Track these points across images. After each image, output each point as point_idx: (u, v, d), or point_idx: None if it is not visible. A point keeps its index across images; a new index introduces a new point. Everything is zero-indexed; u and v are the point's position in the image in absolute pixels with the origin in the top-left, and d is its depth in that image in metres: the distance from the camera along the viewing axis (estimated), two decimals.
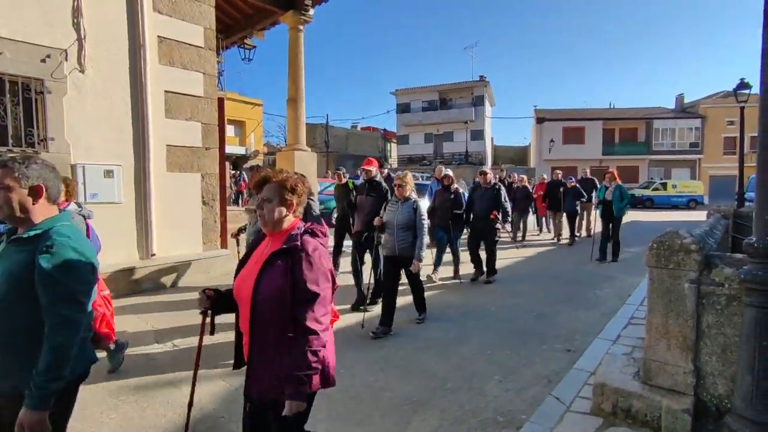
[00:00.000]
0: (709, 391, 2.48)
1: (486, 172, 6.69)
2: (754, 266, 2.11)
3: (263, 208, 1.71)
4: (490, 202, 6.31)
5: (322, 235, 1.76)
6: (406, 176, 4.58)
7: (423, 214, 4.40)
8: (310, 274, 1.62)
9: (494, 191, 6.40)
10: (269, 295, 1.62)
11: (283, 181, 1.74)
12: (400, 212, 4.39)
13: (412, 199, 4.47)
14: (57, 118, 5.45)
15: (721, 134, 31.78)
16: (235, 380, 3.37)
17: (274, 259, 1.66)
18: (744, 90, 10.48)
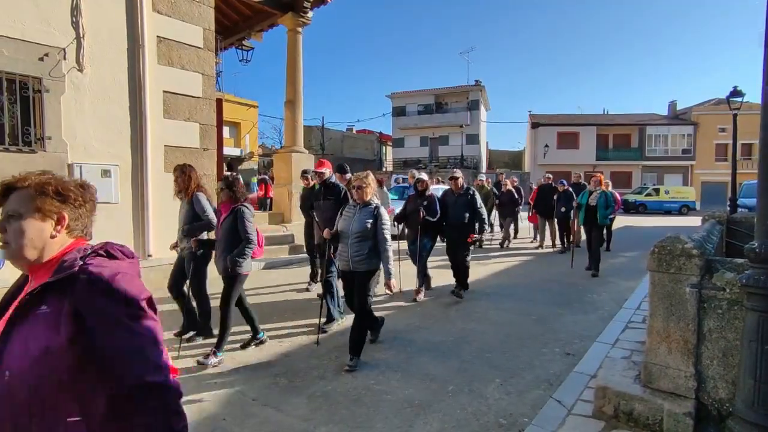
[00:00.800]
0: (711, 395, 2.50)
1: (456, 176, 5.93)
2: (755, 271, 2.13)
3: (6, 231, 1.05)
4: (464, 209, 5.67)
5: (124, 256, 1.11)
6: (368, 176, 3.79)
7: (385, 223, 3.68)
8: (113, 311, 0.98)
9: (467, 197, 5.74)
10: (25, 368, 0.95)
11: (41, 184, 1.08)
12: (357, 218, 3.69)
13: (373, 205, 3.72)
14: (54, 117, 5.40)
15: (713, 141, 32.19)
16: (235, 382, 3.35)
17: (33, 303, 0.99)
18: (737, 98, 10.62)
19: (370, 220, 3.64)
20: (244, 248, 3.71)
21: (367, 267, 3.65)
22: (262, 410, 2.93)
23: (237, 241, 3.74)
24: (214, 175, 7.15)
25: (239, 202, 3.83)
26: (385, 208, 4.20)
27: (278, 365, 3.67)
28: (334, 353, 3.92)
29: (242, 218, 3.73)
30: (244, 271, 3.77)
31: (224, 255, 3.73)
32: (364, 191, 3.71)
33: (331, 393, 3.19)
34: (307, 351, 4.01)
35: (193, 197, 4.12)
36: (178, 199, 4.28)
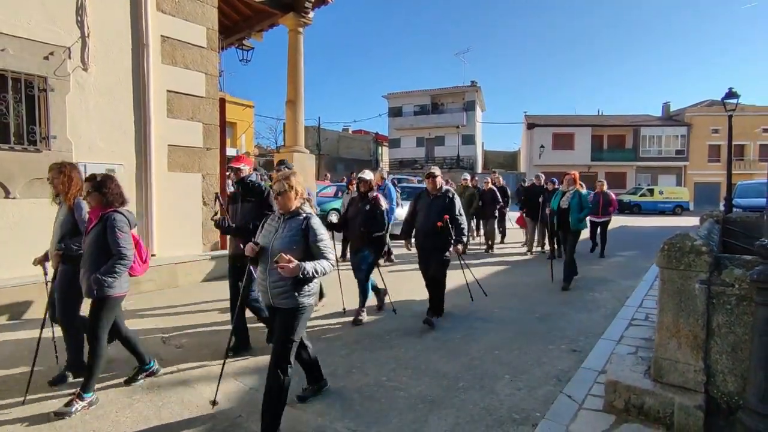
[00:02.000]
0: (720, 389, 2.56)
1: (434, 173, 4.84)
2: (765, 267, 2.20)
3: None
4: (439, 215, 4.63)
5: None
6: (290, 178, 2.70)
7: (321, 239, 2.65)
8: None
9: (446, 200, 4.71)
10: None
11: None
12: (281, 235, 2.65)
13: (303, 215, 2.69)
14: (59, 116, 5.40)
15: (705, 142, 32.57)
16: (250, 379, 3.38)
17: None
18: (732, 99, 10.76)
19: (297, 234, 2.62)
20: (113, 265, 2.92)
21: (291, 303, 2.59)
22: None
23: (106, 255, 2.97)
24: (218, 174, 7.16)
25: (111, 207, 3.05)
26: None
27: None
28: (343, 350, 3.96)
29: (112, 227, 2.95)
30: (115, 292, 2.98)
31: (88, 274, 2.95)
32: (288, 197, 2.66)
33: (344, 390, 3.22)
34: (316, 349, 4.02)
35: (74, 203, 3.41)
36: (56, 204, 3.60)
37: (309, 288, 2.66)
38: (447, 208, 4.69)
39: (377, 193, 5.00)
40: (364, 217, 4.80)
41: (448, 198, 4.74)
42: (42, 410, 2.87)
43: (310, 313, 2.76)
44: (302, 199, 2.75)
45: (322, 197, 14.30)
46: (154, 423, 2.76)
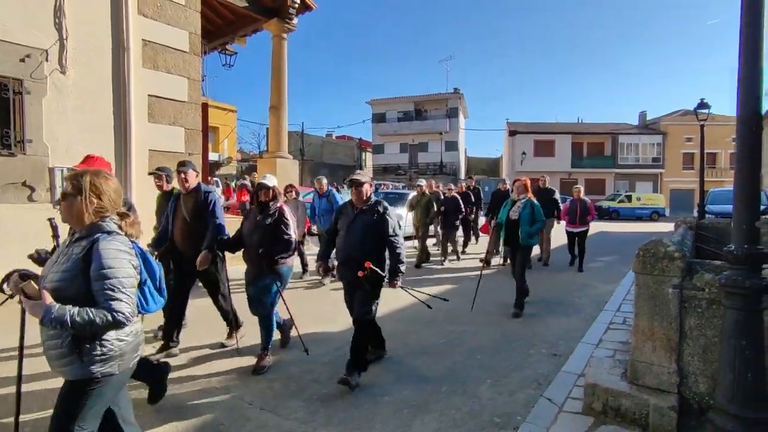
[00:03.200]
0: (692, 390, 2.65)
1: (359, 180, 3.47)
2: (733, 272, 2.29)
3: None
4: (365, 235, 3.43)
5: None
6: (82, 177, 1.80)
7: (106, 274, 1.71)
8: None
9: (374, 216, 3.47)
10: None
11: None
12: (59, 264, 1.77)
13: (95, 236, 1.77)
14: (35, 120, 5.29)
15: (680, 150, 33.62)
16: (231, 387, 3.34)
17: None
18: (704, 109, 11.13)
19: (75, 269, 1.71)
20: None
21: (72, 372, 1.72)
22: (260, 414, 2.94)
23: None
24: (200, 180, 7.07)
25: None
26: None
27: (272, 370, 3.67)
28: (326, 357, 3.95)
29: None
30: None
31: None
32: (73, 206, 1.78)
33: (328, 396, 3.21)
34: (300, 355, 4.01)
35: None
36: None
37: (104, 349, 1.71)
38: (375, 226, 3.40)
39: (281, 204, 3.82)
40: (263, 234, 3.63)
41: (377, 213, 3.43)
42: None
43: (110, 388, 1.79)
44: (110, 211, 1.81)
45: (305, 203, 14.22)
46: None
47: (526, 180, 5.75)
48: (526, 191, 5.65)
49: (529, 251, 5.59)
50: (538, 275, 7.88)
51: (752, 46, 2.23)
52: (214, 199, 4.02)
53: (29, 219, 5.14)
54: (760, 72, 2.24)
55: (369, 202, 3.53)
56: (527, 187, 5.69)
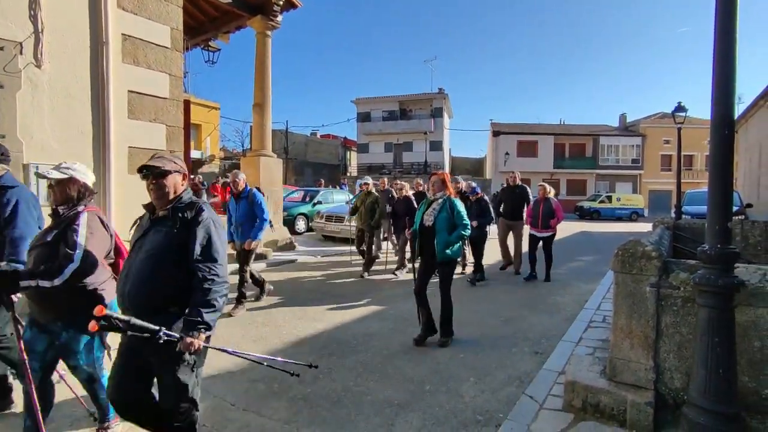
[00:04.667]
0: (667, 385, 2.72)
1: (159, 168, 2.13)
2: (706, 271, 2.36)
3: None
4: (165, 263, 2.05)
5: None
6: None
7: None
8: None
9: (181, 226, 2.09)
10: None
11: None
12: None
13: None
14: (9, 115, 5.12)
15: (658, 152, 34.45)
16: (212, 388, 3.30)
17: None
18: (681, 112, 11.42)
19: None
20: None
21: None
22: (243, 415, 2.92)
23: None
24: None
25: None
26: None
27: (254, 370, 3.64)
28: (310, 356, 3.93)
29: None
30: None
31: None
32: None
33: (311, 395, 3.21)
34: (282, 356, 3.99)
35: None
36: None
37: None
38: (171, 244, 2.06)
39: (82, 209, 2.45)
40: (48, 256, 2.26)
41: (180, 221, 2.08)
42: None
43: None
44: None
45: (289, 202, 14.14)
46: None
47: (444, 173, 4.43)
48: (445, 188, 4.34)
49: (449, 268, 4.30)
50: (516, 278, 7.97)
51: (725, 52, 2.30)
52: None
53: None
54: (733, 77, 2.31)
55: (178, 203, 2.11)
56: (446, 182, 4.38)
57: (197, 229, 2.06)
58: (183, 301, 2.03)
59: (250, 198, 5.47)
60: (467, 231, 4.29)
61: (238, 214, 5.49)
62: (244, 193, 5.55)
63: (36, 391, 2.20)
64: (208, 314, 1.98)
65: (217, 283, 2.03)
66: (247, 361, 3.81)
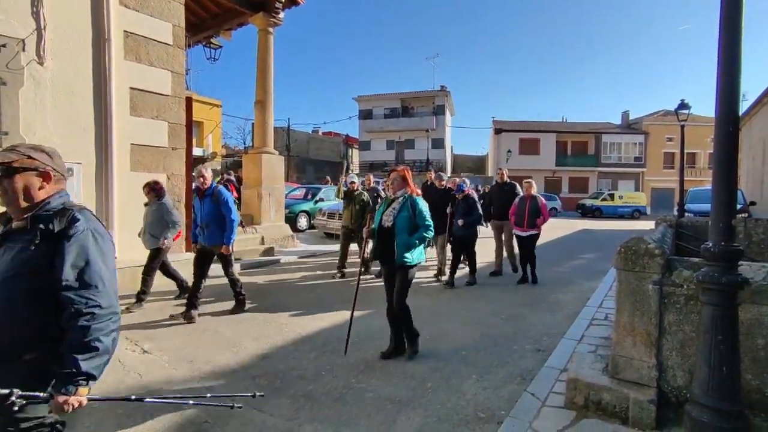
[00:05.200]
0: (670, 383, 2.72)
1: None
2: (710, 268, 2.35)
3: None
4: (23, 290, 1.49)
5: None
6: None
7: None
8: None
9: (43, 240, 1.52)
10: None
11: None
12: None
13: None
14: (12, 112, 5.13)
15: (661, 149, 34.34)
16: (214, 385, 3.31)
17: None
18: (684, 110, 11.37)
19: None
20: None
21: None
22: (245, 411, 2.92)
23: None
24: (183, 175, 6.98)
25: None
26: None
27: (256, 367, 3.66)
28: (312, 353, 3.94)
29: None
30: None
31: None
32: None
33: (313, 392, 3.21)
34: (284, 352, 4.00)
35: None
36: None
37: None
38: (34, 266, 1.51)
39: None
40: None
41: (41, 235, 1.53)
42: None
43: None
44: None
45: (290, 199, 14.14)
46: (114, 431, 2.66)
47: (404, 169, 3.96)
48: (406, 186, 3.87)
49: (407, 274, 3.75)
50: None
51: (731, 50, 2.28)
52: None
53: None
54: (738, 74, 2.29)
55: (40, 210, 1.58)
56: (407, 179, 3.89)
57: (67, 245, 1.51)
58: (48, 345, 1.51)
59: (215, 196, 4.94)
60: (429, 232, 3.80)
61: (203, 213, 4.95)
62: (208, 190, 4.99)
63: None
64: (88, 361, 1.46)
65: (99, 317, 1.49)
66: (248, 357, 3.85)
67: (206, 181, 5.01)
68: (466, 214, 6.63)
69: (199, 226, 5.01)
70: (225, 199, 4.95)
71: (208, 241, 4.97)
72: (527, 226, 6.80)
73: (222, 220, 4.92)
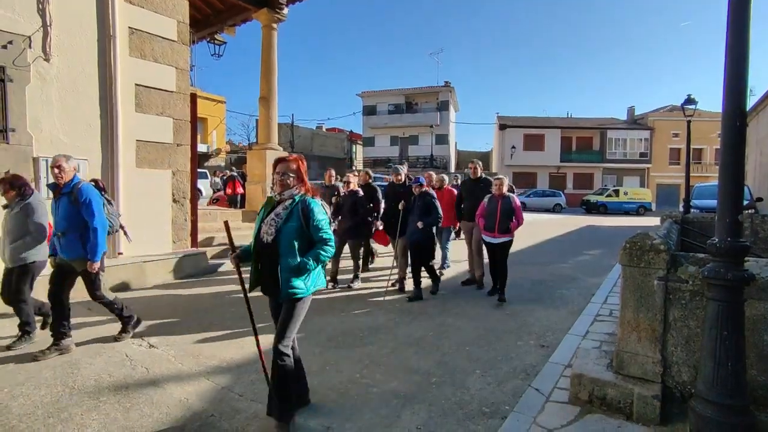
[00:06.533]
0: (675, 379, 2.72)
1: None
2: (716, 264, 2.34)
3: None
4: None
5: None
6: None
7: None
8: None
9: None
10: None
11: None
12: None
13: None
14: (18, 108, 5.17)
15: (667, 145, 34.08)
16: (219, 379, 3.34)
17: None
18: (690, 105, 11.28)
19: None
20: None
21: None
22: (250, 405, 2.95)
23: None
24: (188, 171, 7.01)
25: None
26: None
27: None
28: (317, 348, 3.96)
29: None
30: None
31: None
32: None
33: (318, 387, 3.23)
34: None
35: None
36: None
37: None
38: None
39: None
40: None
41: None
42: None
43: None
44: None
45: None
46: (122, 424, 2.69)
47: (297, 158, 2.79)
48: (299, 183, 2.71)
49: (294, 308, 2.64)
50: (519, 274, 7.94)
51: (738, 45, 2.26)
52: None
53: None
54: (746, 69, 2.28)
55: None
56: (301, 171, 2.72)
57: None
58: None
59: (74, 195, 3.71)
60: (329, 250, 2.65)
61: (58, 217, 3.77)
62: (66, 187, 3.75)
63: None
64: None
65: None
66: (253, 353, 3.86)
67: (63, 173, 3.73)
68: (424, 214, 5.58)
69: (55, 234, 3.83)
70: (87, 200, 3.71)
71: (66, 255, 3.77)
72: (498, 232, 5.54)
73: (81, 228, 3.74)
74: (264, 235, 2.63)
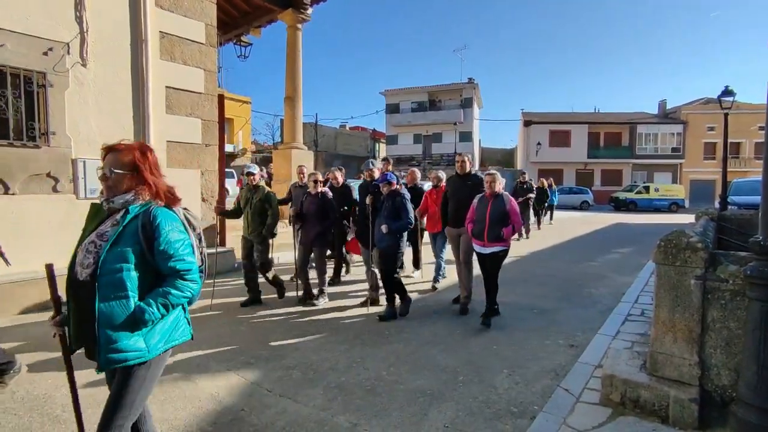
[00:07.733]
0: (714, 382, 2.62)
1: None
2: (759, 263, 2.25)
3: None
4: None
5: None
6: None
7: None
8: None
9: None
10: None
11: None
12: None
13: None
14: (58, 112, 5.39)
15: (701, 140, 32.76)
16: (250, 374, 3.41)
17: None
18: (728, 97, 10.83)
19: None
20: None
21: None
22: (279, 401, 3.00)
23: None
24: (216, 171, 7.17)
25: None
26: None
27: (289, 358, 3.74)
28: (344, 345, 4.00)
29: None
30: None
31: None
32: None
33: (345, 384, 3.26)
34: (316, 344, 4.07)
35: None
36: None
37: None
38: None
39: None
40: None
41: None
42: None
43: None
44: None
45: None
46: (158, 416, 2.78)
47: (137, 147, 1.80)
48: (143, 186, 1.77)
49: (130, 378, 1.68)
50: (553, 263, 7.79)
51: None
52: None
53: (53, 209, 5.30)
54: None
55: None
56: (140, 166, 1.76)
57: None
58: None
59: None
60: (187, 287, 1.74)
61: None
62: None
63: None
64: None
65: None
66: (282, 348, 3.93)
67: None
68: (392, 217, 4.74)
69: None
70: None
71: None
72: (488, 240, 4.57)
73: None
74: (78, 268, 1.67)
